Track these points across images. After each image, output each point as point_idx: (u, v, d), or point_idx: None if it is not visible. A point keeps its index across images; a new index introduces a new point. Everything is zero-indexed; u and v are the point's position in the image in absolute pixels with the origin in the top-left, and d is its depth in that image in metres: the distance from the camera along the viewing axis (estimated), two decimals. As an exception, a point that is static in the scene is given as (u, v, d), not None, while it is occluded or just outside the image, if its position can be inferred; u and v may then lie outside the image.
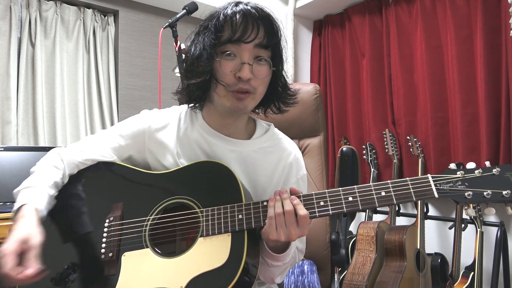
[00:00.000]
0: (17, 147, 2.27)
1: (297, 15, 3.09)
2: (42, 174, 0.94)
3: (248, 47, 0.85)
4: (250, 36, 0.84)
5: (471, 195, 0.75)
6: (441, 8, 2.44)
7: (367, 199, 0.79)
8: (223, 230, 0.82)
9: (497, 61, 2.18)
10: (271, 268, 0.88)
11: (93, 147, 0.99)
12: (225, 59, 0.85)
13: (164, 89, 3.01)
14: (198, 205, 0.87)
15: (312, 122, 1.40)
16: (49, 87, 2.56)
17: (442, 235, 2.51)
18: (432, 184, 0.76)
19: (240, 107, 0.88)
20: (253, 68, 0.85)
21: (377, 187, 0.79)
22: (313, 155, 1.39)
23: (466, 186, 0.76)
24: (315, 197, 0.82)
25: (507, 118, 2.12)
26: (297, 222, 0.80)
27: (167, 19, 1.95)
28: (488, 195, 0.75)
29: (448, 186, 0.77)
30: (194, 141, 0.95)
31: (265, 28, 0.86)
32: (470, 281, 2.00)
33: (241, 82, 0.84)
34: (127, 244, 0.88)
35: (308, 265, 1.21)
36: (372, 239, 2.09)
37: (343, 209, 0.80)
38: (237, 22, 0.84)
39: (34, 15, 2.49)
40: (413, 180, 0.78)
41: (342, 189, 0.81)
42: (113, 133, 1.00)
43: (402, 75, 2.61)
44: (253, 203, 0.84)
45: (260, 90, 0.89)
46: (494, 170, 0.76)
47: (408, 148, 2.51)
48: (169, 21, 1.84)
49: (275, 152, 0.97)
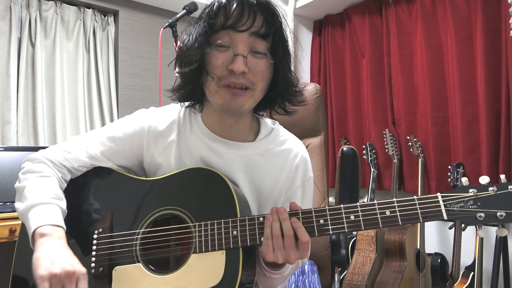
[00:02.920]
0: (17, 147, 2.27)
1: (297, 15, 3.09)
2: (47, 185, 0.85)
3: (243, 36, 0.76)
4: (246, 23, 0.75)
5: (483, 217, 0.69)
6: (441, 8, 2.44)
7: (370, 219, 0.73)
8: (217, 247, 0.78)
9: (497, 61, 2.18)
10: (270, 280, 0.83)
11: (88, 149, 0.90)
12: (217, 50, 0.77)
13: (164, 89, 3.01)
14: (190, 218, 0.82)
15: (313, 122, 1.40)
16: (49, 87, 2.56)
17: (442, 235, 2.51)
18: (442, 204, 0.70)
19: (233, 105, 0.78)
20: (248, 61, 0.76)
21: (381, 205, 0.73)
22: (313, 155, 1.39)
23: (478, 206, 0.69)
24: (315, 215, 0.76)
25: (507, 118, 2.12)
26: (297, 247, 0.74)
27: (167, 19, 1.95)
28: (502, 216, 0.68)
29: (458, 206, 0.70)
30: (192, 145, 0.88)
31: (264, 15, 0.76)
32: (470, 281, 2.00)
33: (234, 75, 0.76)
34: (117, 258, 0.84)
35: (309, 265, 1.21)
36: (372, 239, 2.09)
37: (344, 229, 0.74)
38: (232, 8, 0.75)
39: (34, 15, 2.49)
40: (421, 199, 0.72)
41: (343, 207, 0.75)
42: (103, 136, 0.91)
43: (402, 75, 2.61)
44: (248, 219, 0.78)
45: (260, 86, 0.79)
46: (510, 187, 0.68)
47: (408, 148, 2.51)
48: (169, 21, 1.84)
49: (281, 154, 0.90)
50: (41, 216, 0.78)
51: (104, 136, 0.91)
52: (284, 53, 0.80)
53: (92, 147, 0.90)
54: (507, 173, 2.09)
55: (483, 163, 2.17)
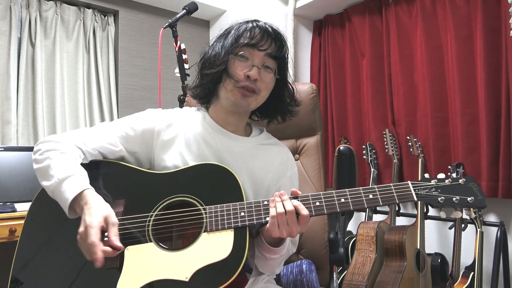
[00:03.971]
0: (17, 147, 2.27)
1: (297, 15, 3.09)
2: (69, 160, 0.93)
3: (260, 54, 0.99)
4: (264, 45, 0.99)
5: (443, 200, 0.90)
6: (441, 8, 2.43)
7: (357, 201, 0.90)
8: (227, 226, 0.88)
9: (497, 61, 2.17)
10: (270, 261, 0.97)
11: (100, 134, 1.01)
12: (239, 60, 0.99)
13: (164, 89, 3.01)
14: (200, 203, 0.91)
15: (309, 121, 1.39)
16: (49, 87, 2.56)
17: (442, 235, 2.50)
18: (411, 189, 0.90)
19: (243, 103, 1.00)
20: (261, 72, 0.99)
21: (365, 190, 0.91)
22: (310, 155, 1.38)
23: (439, 192, 0.91)
24: (311, 198, 0.91)
25: (507, 118, 2.12)
26: (298, 221, 0.88)
27: (167, 19, 1.95)
28: (457, 200, 0.89)
29: (425, 191, 0.91)
30: (200, 136, 1.03)
31: (277, 44, 1.02)
32: (470, 281, 2.00)
33: (249, 80, 0.98)
34: (130, 238, 0.89)
35: (307, 265, 1.21)
36: (372, 239, 2.09)
37: (336, 209, 0.89)
38: (256, 32, 1.00)
39: (34, 15, 2.50)
40: (396, 185, 0.91)
41: (335, 192, 0.91)
42: (122, 123, 1.04)
43: (402, 75, 2.61)
44: (254, 202, 0.91)
45: (263, 94, 1.02)
46: (460, 181, 0.91)
47: (408, 148, 2.51)
48: (169, 21, 1.84)
49: (271, 149, 1.10)
50: (74, 186, 0.88)
51: (123, 125, 1.04)
52: (286, 73, 1.08)
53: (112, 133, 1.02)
54: (507, 173, 2.09)
55: (483, 163, 2.17)
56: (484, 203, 0.89)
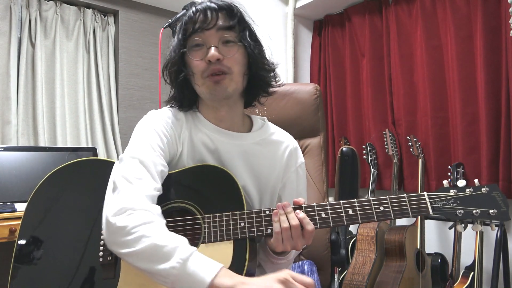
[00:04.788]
0: (17, 147, 2.27)
1: (297, 15, 3.09)
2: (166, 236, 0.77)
3: (211, 32, 0.89)
4: (211, 22, 0.89)
5: (462, 213, 0.82)
6: (441, 8, 2.43)
7: (366, 213, 0.82)
8: (225, 237, 0.83)
9: (497, 61, 2.17)
10: (277, 265, 0.90)
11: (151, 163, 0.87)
12: (193, 50, 0.91)
13: (164, 89, 3.01)
14: (199, 210, 0.87)
15: (312, 122, 1.39)
16: (49, 87, 2.56)
17: (442, 235, 2.51)
18: (427, 202, 0.82)
19: (218, 89, 0.90)
20: (221, 49, 0.89)
21: (376, 202, 0.83)
22: (313, 155, 1.38)
23: (458, 204, 0.82)
24: (317, 209, 0.84)
25: (507, 118, 2.12)
26: (303, 235, 0.83)
27: (167, 19, 1.95)
28: (477, 213, 0.81)
29: (442, 204, 0.82)
30: (199, 140, 0.96)
31: (224, 12, 0.91)
32: (470, 281, 2.00)
33: (212, 64, 0.88)
34: None
35: (308, 265, 1.21)
36: (372, 239, 2.09)
37: (343, 222, 0.83)
38: (197, 15, 0.91)
39: (34, 15, 2.50)
40: (410, 196, 0.83)
41: (343, 202, 0.84)
42: (151, 143, 0.91)
43: (402, 75, 2.61)
44: (255, 212, 0.85)
45: (236, 69, 0.91)
46: (483, 189, 0.82)
47: (408, 148, 2.51)
48: (169, 21, 1.83)
49: (275, 143, 1.01)
50: (203, 264, 0.73)
51: (151, 143, 0.91)
52: (251, 37, 0.93)
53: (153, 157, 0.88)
54: (507, 173, 2.09)
55: (483, 163, 2.17)
56: (507, 215, 0.80)
